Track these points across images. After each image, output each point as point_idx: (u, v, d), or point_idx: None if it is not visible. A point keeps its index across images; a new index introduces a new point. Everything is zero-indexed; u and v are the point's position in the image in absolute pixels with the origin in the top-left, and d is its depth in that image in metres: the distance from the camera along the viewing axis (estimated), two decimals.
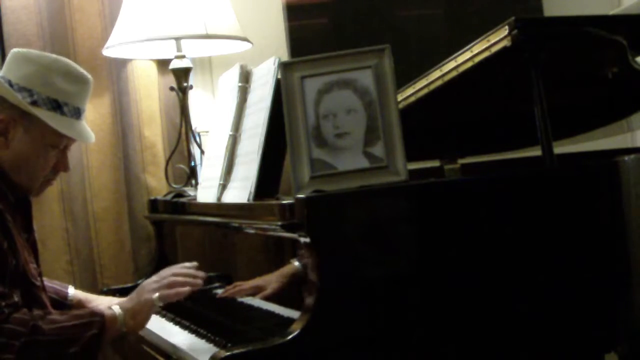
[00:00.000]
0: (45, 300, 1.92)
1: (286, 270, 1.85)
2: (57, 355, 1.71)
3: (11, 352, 1.66)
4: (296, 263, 1.79)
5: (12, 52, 1.95)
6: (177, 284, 1.85)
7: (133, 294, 1.89)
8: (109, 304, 2.17)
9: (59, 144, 1.94)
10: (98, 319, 1.77)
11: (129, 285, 2.57)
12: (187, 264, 1.92)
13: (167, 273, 1.89)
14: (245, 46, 2.72)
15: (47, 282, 2.20)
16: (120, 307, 1.82)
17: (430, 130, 2.28)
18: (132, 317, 1.82)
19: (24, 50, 1.97)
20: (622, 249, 1.81)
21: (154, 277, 1.90)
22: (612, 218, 1.81)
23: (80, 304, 2.22)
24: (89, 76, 1.98)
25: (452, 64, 1.87)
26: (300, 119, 1.70)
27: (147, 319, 1.85)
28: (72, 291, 2.22)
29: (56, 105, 1.90)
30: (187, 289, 1.85)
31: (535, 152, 1.88)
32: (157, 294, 1.83)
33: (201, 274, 1.89)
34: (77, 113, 1.94)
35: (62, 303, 2.19)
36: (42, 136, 1.90)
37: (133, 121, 2.76)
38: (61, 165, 1.97)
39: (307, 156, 1.68)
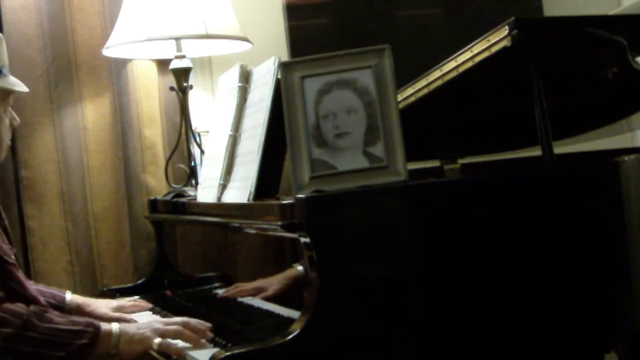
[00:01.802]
0: (21, 278, 1.92)
1: (289, 273, 1.85)
2: (42, 355, 1.71)
3: None
4: (300, 267, 1.79)
5: None
6: (182, 335, 1.81)
7: (140, 324, 1.88)
8: (107, 308, 2.18)
9: (11, 102, 2.01)
10: (92, 329, 1.77)
11: (129, 285, 2.57)
12: (204, 323, 1.86)
13: (179, 321, 1.85)
14: (245, 46, 2.72)
15: (45, 288, 2.21)
16: (120, 328, 1.81)
17: (430, 130, 2.28)
18: (127, 342, 1.80)
19: None
20: (622, 249, 1.81)
21: (166, 319, 1.89)
22: (612, 218, 1.81)
23: (78, 308, 2.22)
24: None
25: (452, 64, 1.87)
26: (300, 119, 1.70)
27: (138, 352, 1.82)
28: (69, 296, 2.22)
29: None
30: (187, 346, 1.80)
31: (535, 152, 1.88)
32: (158, 340, 1.80)
33: (209, 335, 1.84)
34: (8, 70, 2.00)
35: (61, 308, 2.19)
36: (1, 105, 1.95)
37: (133, 121, 2.76)
38: (14, 121, 2.03)
39: (307, 156, 1.68)
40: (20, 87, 2.02)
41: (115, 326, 1.81)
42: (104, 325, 1.80)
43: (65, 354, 1.72)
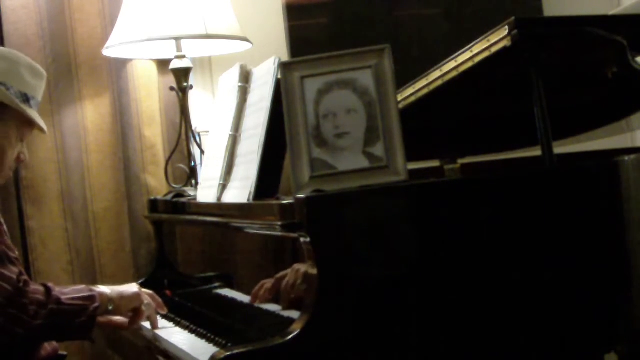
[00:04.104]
0: (23, 272, 1.96)
1: None
2: (69, 325, 1.84)
3: (40, 318, 1.79)
4: None
5: None
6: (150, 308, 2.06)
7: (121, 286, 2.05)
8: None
9: (27, 135, 2.03)
10: (96, 293, 1.91)
11: None
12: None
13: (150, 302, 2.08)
14: (245, 46, 2.72)
15: None
16: (109, 287, 1.98)
17: (430, 130, 2.28)
18: (119, 298, 1.96)
19: None
20: (622, 249, 1.80)
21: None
22: (612, 218, 1.81)
23: None
24: (44, 72, 2.07)
25: (452, 64, 1.87)
26: (300, 119, 1.70)
27: (131, 308, 1.99)
28: None
29: (26, 99, 1.98)
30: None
31: (535, 152, 1.88)
32: (147, 300, 2.03)
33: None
34: (37, 106, 2.03)
35: None
36: (15, 128, 1.97)
37: (133, 121, 2.76)
38: (21, 155, 2.04)
39: (307, 156, 1.68)
40: (41, 123, 2.04)
41: (105, 288, 1.96)
42: (98, 289, 1.93)
43: (86, 319, 1.85)
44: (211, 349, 1.75)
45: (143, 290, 2.06)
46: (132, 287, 2.02)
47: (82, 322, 1.84)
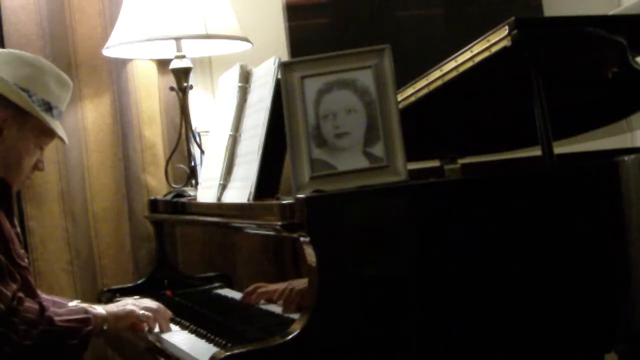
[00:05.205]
0: (31, 280, 1.99)
1: None
2: (60, 346, 1.82)
3: (30, 338, 1.78)
4: None
5: (6, 52, 1.99)
6: (149, 320, 2.01)
7: (118, 304, 2.04)
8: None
9: (46, 144, 2.03)
10: (91, 316, 1.90)
11: (129, 285, 2.57)
12: (167, 314, 2.09)
13: (153, 307, 2.05)
14: (245, 46, 2.72)
15: (47, 297, 2.21)
16: (106, 309, 1.96)
17: (430, 130, 2.28)
18: (114, 320, 1.95)
19: (19, 51, 2.04)
20: (622, 249, 1.81)
21: (140, 304, 2.06)
22: (612, 218, 1.81)
23: None
24: (71, 82, 2.07)
25: (452, 64, 1.87)
26: (300, 119, 1.70)
27: (125, 327, 1.99)
28: (73, 304, 2.23)
29: (48, 108, 1.97)
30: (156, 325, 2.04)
31: (535, 152, 1.88)
32: (142, 312, 2.00)
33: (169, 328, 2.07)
34: (60, 116, 2.02)
35: None
36: (34, 136, 1.97)
37: (133, 121, 2.76)
38: (40, 164, 2.05)
39: (307, 156, 1.68)
40: (62, 134, 2.03)
41: (100, 309, 1.96)
42: (93, 310, 1.93)
43: (77, 342, 1.84)
44: (211, 349, 1.75)
45: (141, 299, 2.06)
46: (126, 306, 2.02)
47: (73, 344, 1.84)
